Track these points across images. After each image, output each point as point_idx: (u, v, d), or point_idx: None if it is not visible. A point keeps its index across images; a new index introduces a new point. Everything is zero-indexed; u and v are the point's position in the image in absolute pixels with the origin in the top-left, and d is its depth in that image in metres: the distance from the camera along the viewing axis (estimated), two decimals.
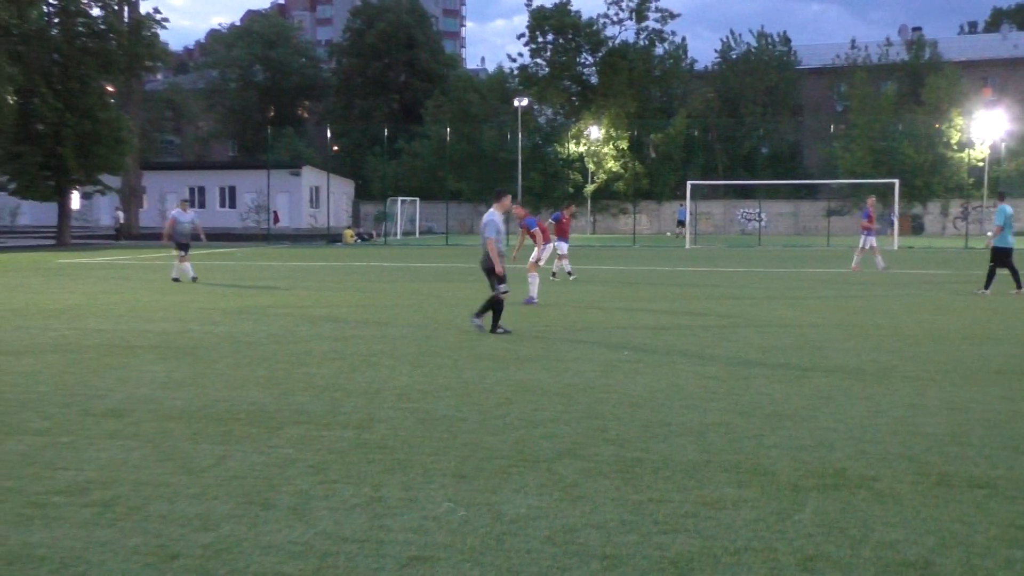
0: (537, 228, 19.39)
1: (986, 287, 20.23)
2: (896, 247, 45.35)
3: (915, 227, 65.30)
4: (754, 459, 6.86)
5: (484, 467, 6.66)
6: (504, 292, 13.85)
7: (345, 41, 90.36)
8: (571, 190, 70.28)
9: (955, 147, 64.94)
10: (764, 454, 7.00)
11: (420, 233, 67.34)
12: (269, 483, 6.28)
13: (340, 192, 70.52)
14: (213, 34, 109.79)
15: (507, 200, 14.44)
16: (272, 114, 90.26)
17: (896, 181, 50.21)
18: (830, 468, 6.63)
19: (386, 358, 11.57)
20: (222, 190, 68.11)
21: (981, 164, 62.29)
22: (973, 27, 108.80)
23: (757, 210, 65.86)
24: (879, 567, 4.84)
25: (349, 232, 56.30)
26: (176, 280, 23.43)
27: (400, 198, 65.32)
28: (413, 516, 5.62)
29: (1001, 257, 20.43)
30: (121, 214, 57.88)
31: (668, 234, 65.77)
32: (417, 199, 66.85)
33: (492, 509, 5.74)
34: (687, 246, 47.93)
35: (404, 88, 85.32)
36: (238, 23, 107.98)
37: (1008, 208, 20.68)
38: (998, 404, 8.77)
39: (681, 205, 67.50)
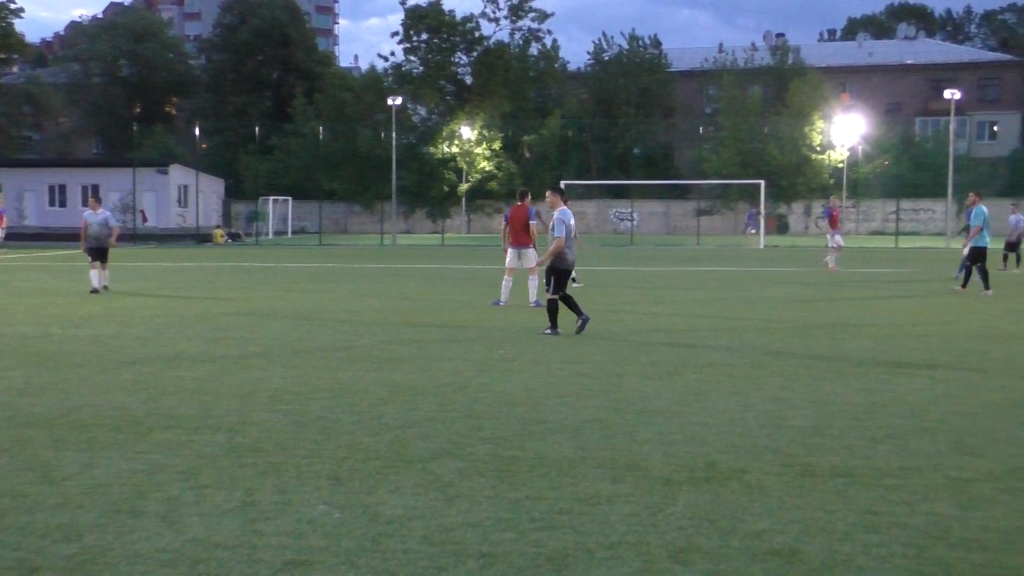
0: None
1: (986, 287, 20.06)
2: (762, 246, 46.72)
3: (780, 227, 67.33)
4: (628, 455, 6.97)
5: (360, 468, 6.61)
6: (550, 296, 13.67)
7: (216, 37, 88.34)
8: (446, 189, 70.25)
9: (817, 149, 67.26)
10: (637, 449, 7.12)
11: (293, 233, 66.38)
12: (137, 490, 6.09)
13: (210, 191, 68.91)
14: (74, 26, 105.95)
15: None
16: (139, 110, 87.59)
17: (762, 182, 51.76)
18: (701, 462, 6.79)
19: (259, 359, 11.37)
20: (85, 188, 65.63)
21: (841, 166, 64.70)
22: (832, 35, 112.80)
23: (630, 210, 66.98)
24: (747, 556, 4.98)
25: (219, 232, 55.13)
26: (97, 291, 20.09)
27: (272, 197, 64.24)
28: (287, 520, 5.53)
29: (977, 256, 20.36)
30: None
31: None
32: (290, 198, 65.87)
33: (368, 510, 5.70)
34: None
35: (278, 85, 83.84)
36: (100, 16, 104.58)
37: (984, 209, 20.53)
38: (857, 396, 9.11)
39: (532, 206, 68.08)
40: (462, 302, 18.77)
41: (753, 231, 63.92)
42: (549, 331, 13.57)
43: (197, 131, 66.06)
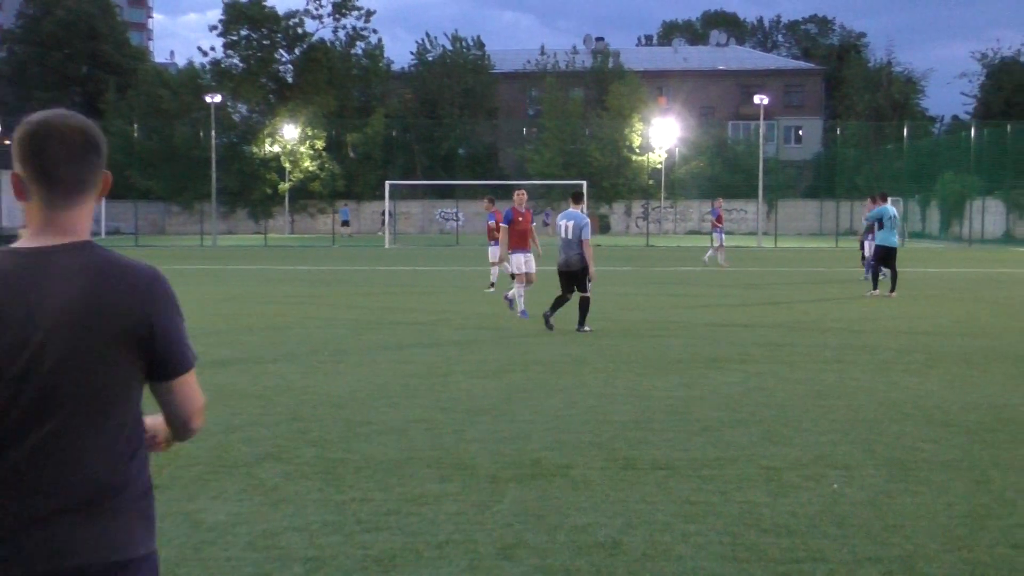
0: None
1: (892, 289, 19.87)
2: None
3: (602, 227, 68.92)
4: (455, 454, 7.00)
5: (180, 475, 6.41)
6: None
7: (18, 28, 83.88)
8: (268, 191, 68.82)
9: (637, 151, 69.18)
10: (465, 448, 7.16)
11: (106, 233, 63.74)
12: None
13: None
14: None
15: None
16: None
17: (584, 183, 52.84)
18: (527, 459, 6.88)
19: None
20: None
21: (659, 167, 66.79)
22: (649, 40, 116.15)
23: (455, 210, 67.21)
24: (573, 550, 5.08)
25: (25, 232, 52.46)
26: None
27: None
28: None
29: (883, 256, 20.25)
30: None
31: (343, 235, 65.61)
32: (102, 198, 63.21)
33: (190, 518, 5.54)
34: (387, 245, 48.17)
35: (86, 81, 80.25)
36: None
37: (891, 209, 20.50)
38: (677, 391, 9.43)
39: (345, 205, 67.60)
40: (286, 303, 18.44)
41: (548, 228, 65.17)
42: (549, 322, 14.18)
43: (0, 126, 62.62)
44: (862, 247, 29.82)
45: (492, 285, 21.19)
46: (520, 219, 16.27)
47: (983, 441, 7.46)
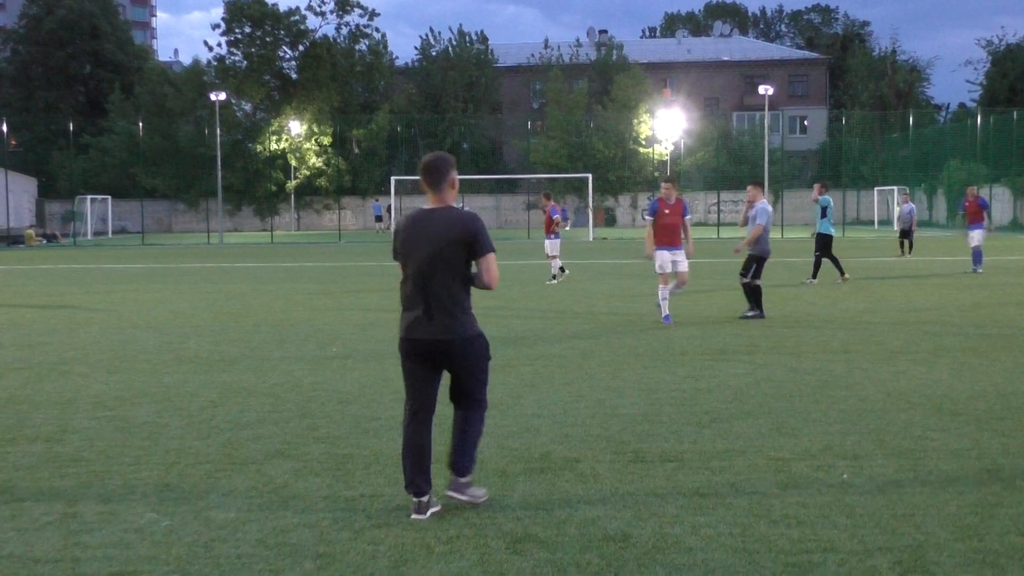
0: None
1: (814, 276, 21.21)
2: (592, 238, 47.66)
3: (608, 219, 68.83)
4: None
5: (189, 473, 6.43)
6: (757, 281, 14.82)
7: (21, 28, 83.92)
8: (273, 188, 68.82)
9: (643, 143, 69.07)
10: None
11: (113, 232, 63.84)
12: None
13: (21, 190, 65.54)
14: None
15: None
16: None
17: (590, 175, 52.81)
18: (535, 453, 6.89)
19: (78, 365, 10.90)
20: None
21: (665, 159, 66.68)
22: (652, 31, 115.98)
23: (461, 204, 66.88)
24: (582, 543, 5.09)
25: (31, 233, 52.55)
26: None
27: (90, 196, 61.61)
28: (113, 530, 5.34)
29: (828, 244, 21.47)
30: None
31: (378, 230, 65.74)
32: (109, 197, 63.29)
33: (199, 516, 5.56)
34: None
35: (89, 80, 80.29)
36: None
37: (828, 198, 21.63)
38: (684, 383, 9.42)
39: (376, 200, 67.71)
40: (293, 300, 18.45)
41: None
42: (752, 314, 14.82)
43: (5, 127, 62.72)
44: (908, 235, 30.11)
45: (554, 277, 22.22)
46: (667, 211, 14.12)
47: (992, 429, 7.45)
